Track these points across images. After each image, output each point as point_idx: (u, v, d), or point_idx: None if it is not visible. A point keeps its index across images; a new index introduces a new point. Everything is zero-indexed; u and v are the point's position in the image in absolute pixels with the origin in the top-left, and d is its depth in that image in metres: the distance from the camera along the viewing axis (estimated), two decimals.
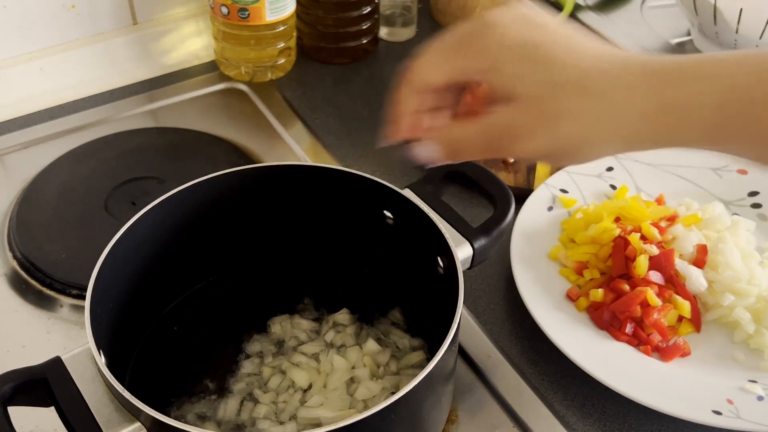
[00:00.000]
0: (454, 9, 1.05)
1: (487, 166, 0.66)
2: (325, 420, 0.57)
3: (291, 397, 0.60)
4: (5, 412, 0.49)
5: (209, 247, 0.67)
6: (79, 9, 0.93)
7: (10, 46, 0.92)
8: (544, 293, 0.69)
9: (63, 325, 0.70)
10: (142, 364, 0.62)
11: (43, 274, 0.73)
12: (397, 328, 0.66)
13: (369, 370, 0.61)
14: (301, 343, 0.64)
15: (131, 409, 0.49)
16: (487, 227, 0.62)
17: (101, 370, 0.50)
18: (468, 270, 0.62)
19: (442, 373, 0.55)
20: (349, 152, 0.89)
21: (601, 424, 0.64)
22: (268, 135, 0.91)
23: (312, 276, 0.69)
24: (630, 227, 0.72)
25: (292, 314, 0.66)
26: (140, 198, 0.80)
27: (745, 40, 0.98)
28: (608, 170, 0.81)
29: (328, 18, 0.97)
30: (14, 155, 0.87)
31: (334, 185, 0.65)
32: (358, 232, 0.67)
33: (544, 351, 0.68)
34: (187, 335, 0.65)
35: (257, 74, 0.97)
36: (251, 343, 0.64)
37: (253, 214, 0.67)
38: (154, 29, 0.98)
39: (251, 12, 0.90)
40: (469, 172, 0.66)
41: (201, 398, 0.61)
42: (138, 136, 0.88)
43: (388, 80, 1.05)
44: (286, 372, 0.62)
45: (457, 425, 0.63)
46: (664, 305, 0.67)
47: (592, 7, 1.13)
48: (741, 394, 0.63)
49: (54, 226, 0.77)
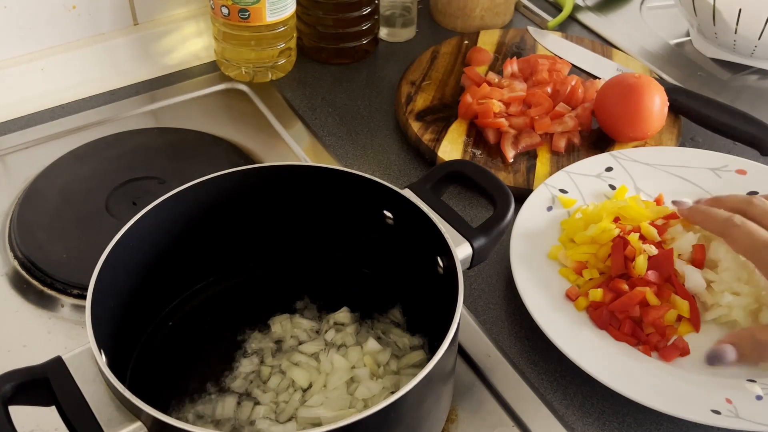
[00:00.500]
0: (454, 10, 1.06)
1: (487, 166, 0.66)
2: (325, 419, 0.57)
3: (291, 397, 0.60)
4: (6, 412, 0.49)
5: (210, 247, 0.67)
6: (79, 9, 0.93)
7: (11, 46, 0.92)
8: (544, 293, 0.70)
9: (64, 325, 0.70)
10: (142, 364, 0.62)
11: (44, 274, 0.73)
12: (397, 327, 0.66)
13: (369, 370, 0.61)
14: (301, 343, 0.64)
15: (132, 408, 0.49)
16: (486, 227, 0.62)
17: (102, 370, 0.50)
18: (468, 270, 0.62)
19: (442, 373, 0.55)
20: (349, 152, 0.89)
21: (600, 424, 0.64)
22: (268, 135, 0.91)
23: (312, 276, 0.70)
24: (629, 227, 0.72)
25: (292, 314, 0.67)
26: (141, 198, 0.80)
27: (744, 41, 0.98)
28: (607, 170, 0.82)
29: (328, 18, 0.97)
30: (15, 155, 0.88)
31: (334, 185, 0.65)
32: (358, 232, 0.67)
33: (543, 351, 0.68)
34: (187, 335, 0.65)
35: (257, 75, 0.97)
36: (251, 342, 0.65)
37: (253, 214, 0.67)
38: (155, 30, 0.99)
39: (251, 13, 0.90)
40: (469, 172, 0.66)
41: (201, 397, 0.61)
42: (139, 136, 0.88)
43: (388, 80, 1.06)
44: (285, 371, 0.62)
45: (457, 425, 0.64)
46: (663, 305, 0.67)
47: (591, 8, 1.13)
48: (740, 393, 0.63)
49: (55, 226, 0.77)
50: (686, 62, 1.04)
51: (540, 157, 0.86)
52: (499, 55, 1.00)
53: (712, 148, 0.86)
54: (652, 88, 0.85)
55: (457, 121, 0.90)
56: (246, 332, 0.65)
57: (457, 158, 0.85)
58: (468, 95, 0.90)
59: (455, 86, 0.95)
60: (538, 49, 1.02)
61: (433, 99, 0.93)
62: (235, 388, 0.61)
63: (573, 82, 0.91)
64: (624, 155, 0.83)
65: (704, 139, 0.91)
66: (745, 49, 1.00)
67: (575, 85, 0.91)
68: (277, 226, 0.68)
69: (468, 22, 1.06)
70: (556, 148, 0.87)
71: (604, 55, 1.01)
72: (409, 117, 0.90)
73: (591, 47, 1.02)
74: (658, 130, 0.87)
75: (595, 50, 1.01)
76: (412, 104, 0.92)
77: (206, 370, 0.63)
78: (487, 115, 0.87)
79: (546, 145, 0.87)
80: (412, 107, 0.91)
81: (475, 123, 0.89)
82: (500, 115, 0.88)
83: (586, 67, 0.99)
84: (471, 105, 0.89)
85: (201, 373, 0.63)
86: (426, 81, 0.95)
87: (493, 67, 0.99)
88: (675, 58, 1.05)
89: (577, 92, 0.91)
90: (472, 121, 0.90)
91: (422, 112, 0.91)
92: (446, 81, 0.96)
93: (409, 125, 0.89)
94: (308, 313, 0.67)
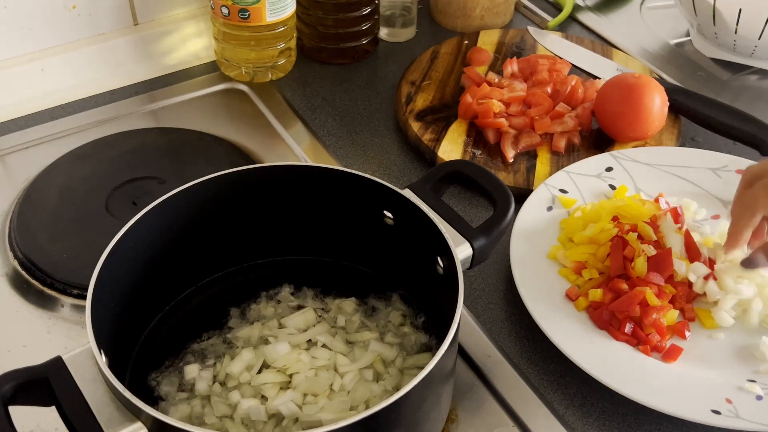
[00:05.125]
0: (454, 10, 1.06)
1: (487, 166, 0.66)
2: (325, 420, 0.57)
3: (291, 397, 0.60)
4: (6, 412, 0.49)
5: (209, 247, 0.67)
6: (79, 9, 0.93)
7: (11, 46, 0.92)
8: (544, 293, 0.70)
9: (64, 325, 0.70)
10: (142, 364, 0.62)
11: (44, 274, 0.73)
12: (397, 326, 0.66)
13: (372, 371, 0.61)
14: (300, 342, 0.64)
15: (132, 408, 0.49)
16: (486, 227, 0.62)
17: (102, 370, 0.50)
18: (468, 270, 0.62)
19: (442, 373, 0.56)
20: (349, 152, 0.89)
21: (600, 424, 0.64)
22: (268, 135, 0.91)
23: (312, 276, 0.70)
24: (627, 226, 0.72)
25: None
26: (141, 198, 0.80)
27: (744, 41, 0.98)
28: (607, 170, 0.82)
29: (328, 19, 0.97)
30: (15, 155, 0.88)
31: (334, 185, 0.65)
32: (358, 232, 0.67)
33: (543, 351, 0.68)
34: (187, 334, 0.65)
35: (257, 75, 0.97)
36: (249, 341, 0.65)
37: (253, 215, 0.67)
38: (155, 30, 0.99)
39: (251, 13, 0.90)
40: (469, 172, 0.66)
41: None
42: (139, 136, 0.88)
43: (388, 80, 1.06)
44: (286, 372, 0.62)
45: (457, 425, 0.64)
46: (663, 305, 0.67)
47: (591, 8, 1.13)
48: (740, 393, 0.63)
49: (55, 226, 0.77)
50: (686, 62, 1.04)
51: (540, 157, 0.86)
52: (499, 55, 1.00)
53: (712, 148, 0.86)
54: (652, 88, 0.85)
55: (457, 121, 0.90)
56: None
57: (457, 158, 0.85)
58: (468, 95, 0.90)
59: (455, 86, 0.95)
60: (538, 49, 1.02)
61: (433, 99, 0.93)
62: (233, 386, 0.61)
63: (573, 82, 0.91)
64: (624, 155, 0.83)
65: (704, 139, 0.91)
66: (745, 49, 1.00)
67: (575, 85, 0.91)
68: (277, 226, 0.68)
69: (468, 22, 1.06)
70: (556, 148, 0.87)
71: (604, 55, 1.01)
72: (409, 117, 0.90)
73: (591, 47, 1.02)
74: (658, 130, 0.87)
75: (595, 50, 1.01)
76: (412, 104, 0.92)
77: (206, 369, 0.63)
78: (487, 115, 0.87)
79: (546, 145, 0.87)
80: (412, 107, 0.91)
81: (475, 123, 0.89)
82: (500, 115, 0.88)
83: (586, 67, 0.99)
84: (471, 105, 0.89)
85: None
86: (426, 81, 0.95)
87: (493, 67, 0.99)
88: (675, 58, 1.05)
89: (577, 92, 0.91)
90: (472, 121, 0.90)
91: (422, 112, 0.91)
92: (446, 81, 0.96)
93: (409, 125, 0.89)
94: (308, 311, 0.67)
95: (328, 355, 0.62)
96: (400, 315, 0.66)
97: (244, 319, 0.66)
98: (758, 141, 0.86)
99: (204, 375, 0.61)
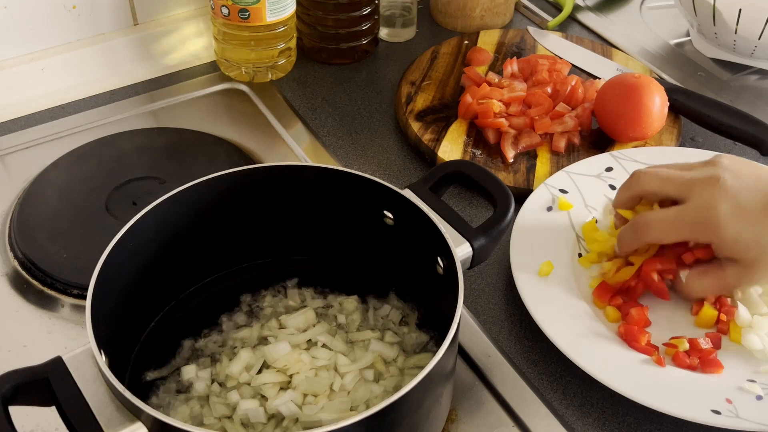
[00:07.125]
0: (454, 10, 1.06)
1: (487, 166, 0.66)
2: (325, 420, 0.57)
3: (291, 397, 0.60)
4: (6, 412, 0.49)
5: (209, 247, 0.67)
6: (79, 10, 0.93)
7: (11, 46, 0.92)
8: (544, 293, 0.69)
9: (64, 325, 0.70)
10: (142, 364, 0.62)
11: (44, 274, 0.73)
12: (397, 326, 0.66)
13: (373, 370, 0.61)
14: (300, 342, 0.64)
15: (132, 408, 0.49)
16: (486, 227, 0.62)
17: (102, 370, 0.50)
18: (468, 270, 0.62)
19: (442, 373, 0.56)
20: (349, 152, 0.89)
21: (600, 424, 0.64)
22: (268, 135, 0.91)
23: (312, 275, 0.70)
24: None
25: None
26: (141, 198, 0.80)
27: (744, 41, 0.98)
28: (607, 170, 0.82)
29: (328, 19, 0.97)
30: (15, 155, 0.88)
31: (334, 185, 0.65)
32: (358, 232, 0.67)
33: (543, 351, 0.68)
34: (187, 334, 0.65)
35: (257, 75, 0.97)
36: (249, 341, 0.65)
37: (253, 215, 0.67)
38: (155, 30, 0.99)
39: (251, 13, 0.90)
40: (469, 172, 0.66)
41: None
42: (139, 136, 0.88)
43: (388, 80, 1.06)
44: (286, 372, 0.62)
45: (457, 425, 0.64)
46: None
47: (591, 8, 1.13)
48: (740, 393, 0.63)
49: (55, 226, 0.77)
50: (686, 62, 1.04)
51: (540, 157, 0.86)
52: (499, 55, 1.00)
53: (712, 148, 0.86)
54: (652, 88, 0.85)
55: (457, 121, 0.90)
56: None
57: (457, 158, 0.85)
58: (468, 95, 0.90)
59: (455, 86, 0.95)
60: (538, 49, 1.02)
61: (433, 99, 0.93)
62: (232, 385, 0.61)
63: (573, 82, 0.91)
64: (624, 155, 0.83)
65: (704, 139, 0.91)
66: (745, 49, 1.00)
67: (575, 85, 0.91)
68: (277, 226, 0.68)
69: (468, 22, 1.06)
70: (556, 148, 0.87)
71: (604, 55, 1.01)
72: (409, 117, 0.90)
73: (591, 47, 1.02)
74: (658, 130, 0.87)
75: (595, 50, 1.01)
76: (412, 104, 0.92)
77: (206, 368, 0.63)
78: (487, 115, 0.87)
79: (546, 145, 0.87)
80: (412, 107, 0.91)
81: (475, 123, 0.89)
82: (500, 115, 0.88)
83: (586, 67, 0.99)
84: (471, 105, 0.89)
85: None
86: (426, 81, 0.95)
87: (493, 67, 0.99)
88: (675, 58, 1.05)
89: (577, 92, 0.91)
90: (472, 121, 0.90)
91: (422, 112, 0.91)
92: (446, 81, 0.96)
93: (409, 125, 0.89)
94: (308, 311, 0.67)
95: (329, 355, 0.62)
96: (400, 315, 0.66)
97: (244, 319, 0.66)
98: (758, 141, 0.86)
99: (202, 375, 0.61)
